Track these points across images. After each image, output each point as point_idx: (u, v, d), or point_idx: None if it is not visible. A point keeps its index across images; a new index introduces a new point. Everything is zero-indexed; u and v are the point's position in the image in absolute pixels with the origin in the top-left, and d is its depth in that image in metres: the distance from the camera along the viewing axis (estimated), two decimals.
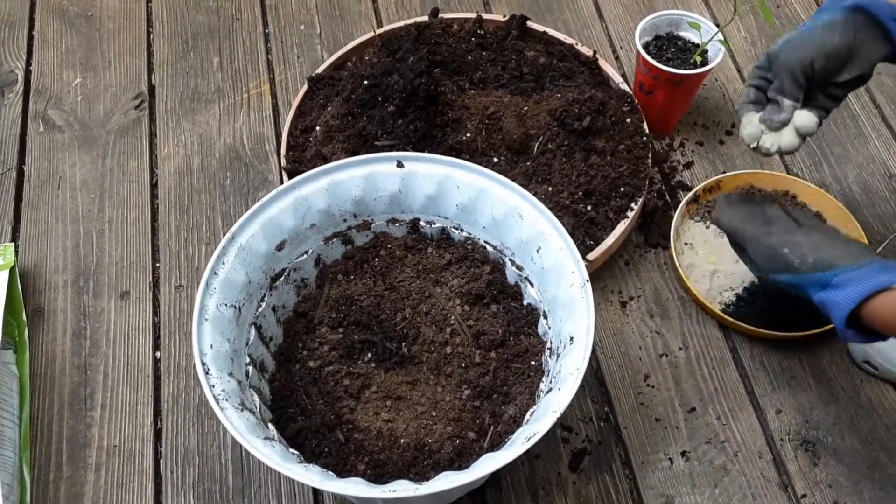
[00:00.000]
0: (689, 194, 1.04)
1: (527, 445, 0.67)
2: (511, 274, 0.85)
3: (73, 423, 0.93)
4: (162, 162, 1.14)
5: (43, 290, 1.03)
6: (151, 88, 1.22)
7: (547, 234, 0.79)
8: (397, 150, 0.93)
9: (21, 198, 1.11)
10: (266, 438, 0.69)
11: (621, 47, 1.24)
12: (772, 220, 0.82)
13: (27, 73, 1.24)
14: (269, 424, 0.75)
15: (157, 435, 0.93)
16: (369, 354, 0.83)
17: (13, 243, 1.04)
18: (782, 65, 0.80)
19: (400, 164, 0.83)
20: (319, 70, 1.12)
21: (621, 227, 0.98)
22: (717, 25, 1.08)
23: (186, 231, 1.08)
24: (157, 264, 1.05)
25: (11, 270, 0.99)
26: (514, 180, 0.82)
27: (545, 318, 0.80)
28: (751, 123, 0.84)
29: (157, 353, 0.98)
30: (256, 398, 0.76)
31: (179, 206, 1.10)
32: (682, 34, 1.10)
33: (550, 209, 0.89)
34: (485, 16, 1.13)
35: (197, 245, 1.06)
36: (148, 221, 1.09)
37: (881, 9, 0.76)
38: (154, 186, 1.12)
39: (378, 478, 0.74)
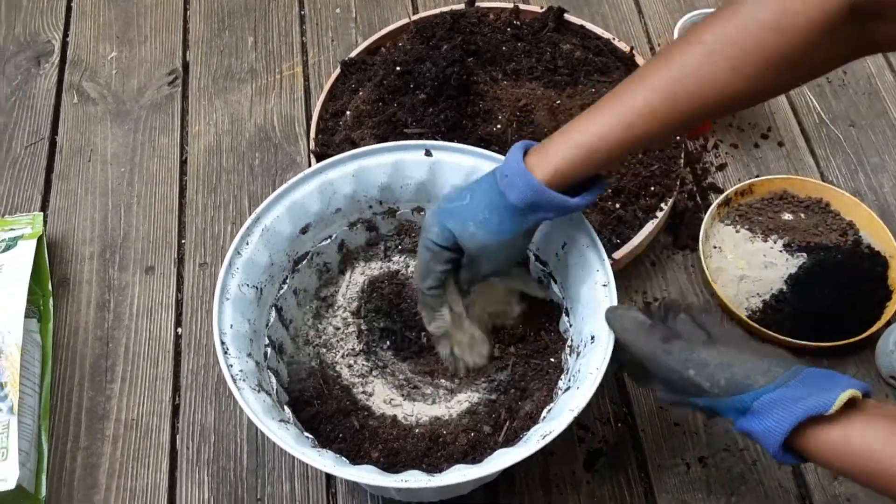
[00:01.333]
0: (721, 197, 1.03)
1: (542, 443, 0.66)
2: (534, 269, 0.84)
3: (92, 394, 0.94)
4: (192, 139, 1.15)
5: (69, 260, 1.04)
6: (185, 65, 1.22)
7: (574, 231, 0.78)
8: (426, 138, 0.93)
9: (52, 168, 1.12)
10: (281, 421, 0.69)
11: (659, 44, 1.22)
12: (674, 335, 0.69)
13: (64, 44, 1.25)
14: (285, 407, 0.75)
15: (175, 411, 0.93)
16: (388, 342, 0.83)
17: (42, 213, 1.05)
18: (481, 267, 0.74)
19: (428, 153, 0.82)
20: (353, 54, 1.11)
21: (649, 226, 0.96)
22: None
23: (213, 209, 1.08)
24: (183, 241, 1.06)
25: (39, 240, 0.99)
26: None
27: (567, 315, 0.80)
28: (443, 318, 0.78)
29: (179, 330, 0.99)
30: (273, 380, 0.76)
31: (207, 185, 1.10)
32: None
33: None
34: (521, 6, 1.12)
35: (223, 224, 1.07)
36: (176, 198, 1.09)
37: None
38: (183, 163, 1.13)
39: (391, 466, 0.74)
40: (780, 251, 1.01)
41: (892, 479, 0.58)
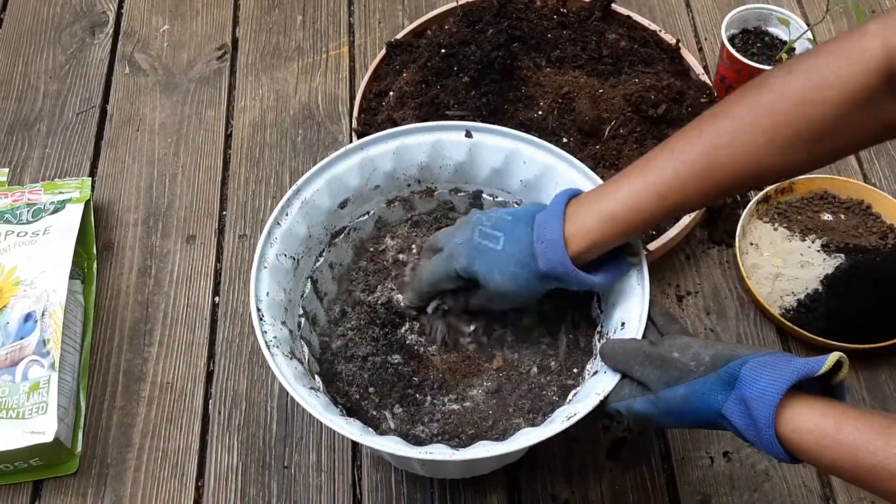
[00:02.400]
0: (760, 194, 1.02)
1: (566, 424, 0.67)
2: None
3: (130, 356, 0.97)
4: (238, 114, 1.17)
5: (115, 226, 1.06)
6: (235, 41, 1.24)
7: None
8: (468, 120, 0.93)
9: (102, 136, 1.15)
10: (311, 388, 0.70)
11: (706, 38, 1.22)
12: (657, 340, 0.70)
13: (118, 15, 1.27)
14: (316, 376, 0.76)
15: (209, 377, 0.96)
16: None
17: (90, 178, 1.07)
18: (493, 304, 0.78)
19: (468, 134, 0.83)
20: (399, 36, 1.12)
21: (685, 220, 0.96)
22: (808, 24, 1.05)
23: (255, 183, 1.10)
24: (224, 212, 1.08)
25: (86, 204, 1.02)
26: (581, 162, 0.82)
27: (598, 301, 0.80)
28: None
29: (216, 298, 1.01)
30: (306, 349, 0.78)
31: (251, 159, 1.12)
32: (771, 30, 1.08)
33: None
34: None
35: (263, 198, 1.09)
36: (219, 170, 1.11)
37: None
38: (228, 137, 1.15)
39: (415, 440, 0.75)
40: (818, 251, 1.00)
41: (881, 474, 0.56)
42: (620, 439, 0.91)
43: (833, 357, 0.59)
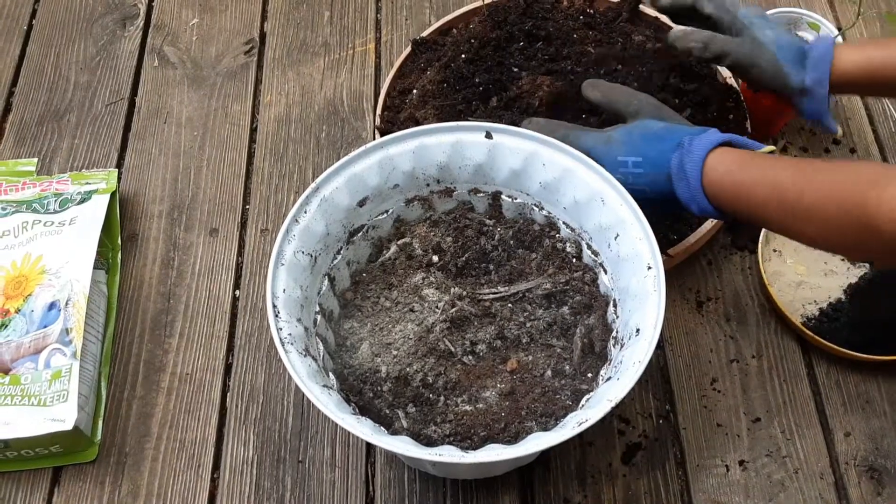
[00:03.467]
0: None
1: (577, 430, 0.66)
2: (587, 258, 0.84)
3: (151, 346, 0.98)
4: (263, 108, 1.18)
5: (139, 217, 1.08)
6: (262, 36, 1.25)
7: (627, 222, 0.77)
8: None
9: (129, 127, 1.16)
10: (324, 386, 0.71)
11: None
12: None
13: (149, 8, 1.29)
14: (330, 374, 0.77)
15: (228, 369, 0.97)
16: None
17: (117, 169, 1.09)
18: (739, 55, 0.88)
19: (488, 135, 0.83)
20: (425, 34, 1.12)
21: (707, 225, 0.95)
22: (840, 28, 1.04)
23: (278, 178, 1.11)
24: (247, 206, 1.09)
25: (112, 195, 1.04)
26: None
27: (614, 306, 0.80)
28: None
29: (237, 292, 1.02)
30: (321, 346, 0.78)
31: (275, 153, 1.13)
32: (801, 34, 1.06)
33: None
34: None
35: (286, 192, 1.09)
36: (244, 164, 1.12)
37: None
38: (253, 131, 1.16)
39: (427, 440, 0.75)
40: (842, 260, 0.99)
41: (742, 198, 0.75)
42: (635, 444, 0.90)
43: (767, 149, 0.78)
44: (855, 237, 0.68)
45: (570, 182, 0.81)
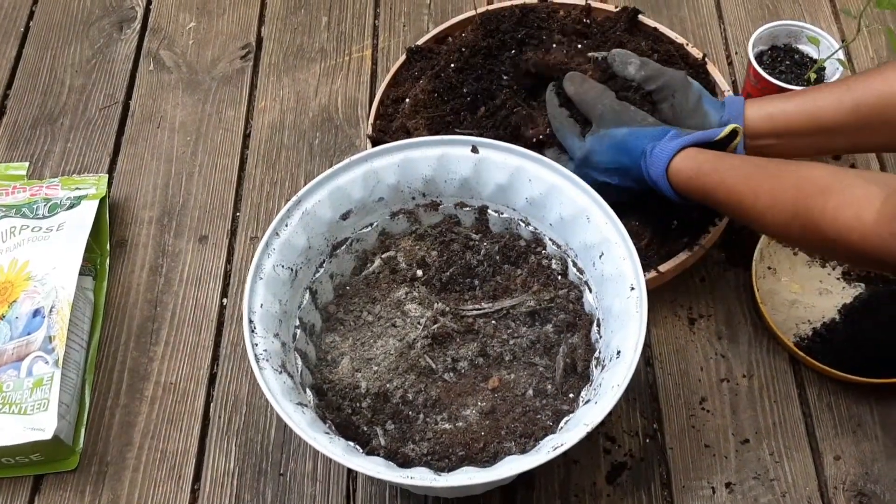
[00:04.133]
0: None
1: (552, 454, 0.65)
2: (572, 275, 0.83)
3: (136, 354, 0.97)
4: (257, 114, 1.17)
5: (129, 223, 1.07)
6: (259, 40, 1.24)
7: (612, 241, 0.76)
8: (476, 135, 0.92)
9: (123, 132, 1.16)
10: (299, 404, 0.70)
11: (737, 52, 1.18)
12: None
13: (146, 11, 1.28)
14: (308, 390, 0.76)
15: (212, 379, 0.96)
16: None
17: (108, 175, 1.08)
18: (670, 83, 0.91)
19: (474, 150, 0.82)
20: (420, 42, 1.11)
21: (700, 242, 0.94)
22: (843, 41, 1.02)
23: (270, 185, 1.10)
24: (238, 213, 1.08)
25: (101, 201, 1.03)
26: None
27: (598, 325, 0.78)
28: None
29: (224, 300, 1.01)
30: (299, 361, 0.77)
31: (267, 160, 1.12)
32: (801, 47, 1.04)
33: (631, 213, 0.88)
34: (594, 4, 1.10)
35: (277, 200, 1.08)
36: (235, 170, 1.12)
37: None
38: (246, 137, 1.15)
39: (404, 459, 0.74)
40: (838, 279, 0.97)
41: (708, 199, 0.81)
42: (621, 464, 0.89)
43: (728, 128, 0.81)
44: (809, 242, 0.74)
45: (557, 198, 0.80)
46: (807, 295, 0.96)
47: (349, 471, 0.89)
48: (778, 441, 0.89)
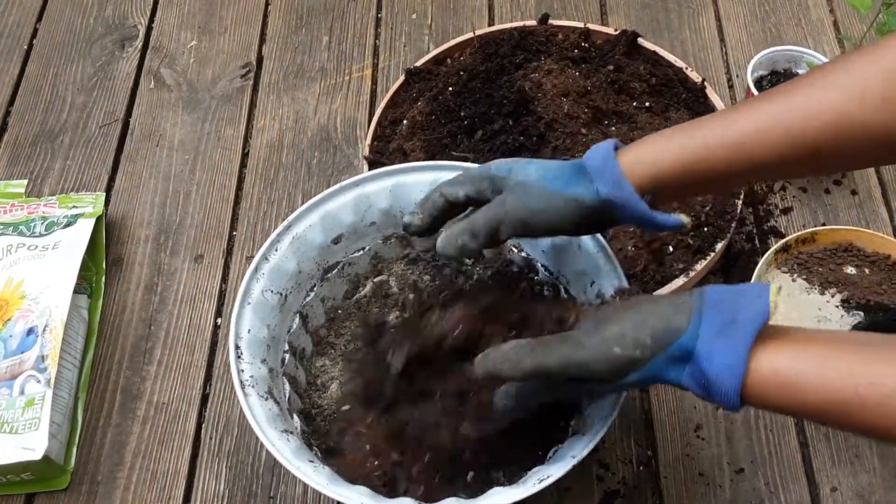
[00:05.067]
0: (780, 243, 0.98)
1: (538, 487, 0.65)
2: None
3: (129, 374, 0.97)
4: (256, 133, 1.17)
5: (126, 241, 1.07)
6: (260, 59, 1.25)
7: (603, 269, 0.76)
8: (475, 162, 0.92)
9: (122, 149, 1.16)
10: (284, 431, 0.70)
11: (738, 75, 1.18)
12: (568, 336, 0.60)
13: (149, 29, 1.29)
14: (295, 415, 0.75)
15: (204, 399, 0.96)
16: None
17: (105, 193, 1.08)
18: (509, 215, 0.66)
19: None
20: (419, 63, 1.11)
21: (698, 266, 0.93)
22: None
23: (267, 204, 1.10)
24: (234, 233, 1.08)
25: (98, 219, 1.03)
26: None
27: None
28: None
29: (218, 321, 1.01)
30: (287, 387, 0.77)
31: (265, 179, 1.12)
32: (801, 72, 1.03)
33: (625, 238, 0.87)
34: (593, 27, 1.09)
35: (274, 220, 1.08)
36: (233, 189, 1.12)
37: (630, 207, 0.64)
38: (245, 156, 1.15)
39: (391, 488, 0.73)
40: (837, 306, 0.96)
41: (824, 410, 0.54)
42: (614, 491, 0.88)
43: (774, 289, 0.57)
44: None
45: None
46: (805, 322, 0.95)
47: None
48: (773, 471, 0.88)
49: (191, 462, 0.92)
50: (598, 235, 0.76)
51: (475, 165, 0.80)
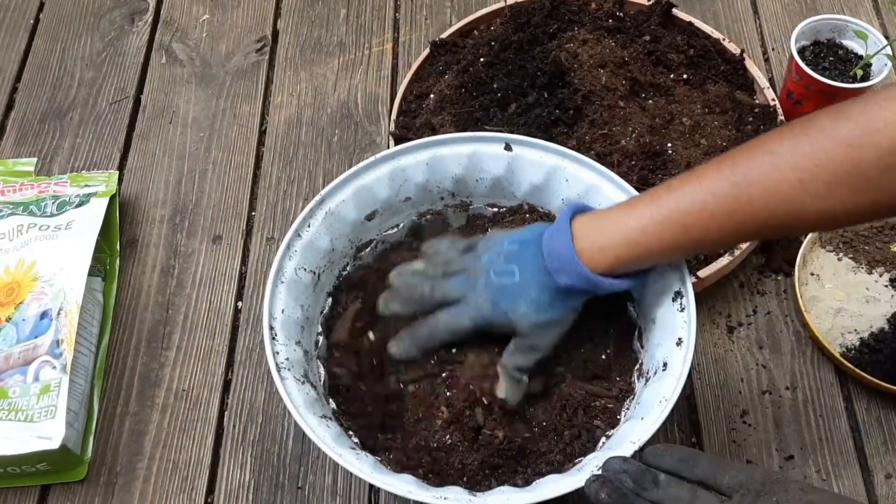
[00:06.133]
0: None
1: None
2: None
3: (147, 360, 0.93)
4: (274, 110, 1.12)
5: (140, 222, 1.03)
6: (275, 34, 1.20)
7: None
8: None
9: (134, 127, 1.11)
10: (323, 416, 0.66)
11: (773, 48, 1.13)
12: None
13: (159, 3, 1.24)
14: (330, 400, 0.71)
15: (226, 386, 0.91)
16: None
17: (118, 171, 1.04)
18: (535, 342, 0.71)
19: (508, 147, 0.77)
20: (444, 35, 1.06)
21: (742, 245, 0.89)
22: (887, 37, 0.97)
23: (287, 183, 1.05)
24: (253, 213, 1.04)
25: (112, 198, 0.99)
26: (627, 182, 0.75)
27: (640, 337, 0.73)
28: None
29: (239, 304, 0.97)
30: (322, 370, 0.73)
31: (284, 157, 1.08)
32: (846, 42, 0.99)
33: None
34: None
35: (295, 199, 1.04)
36: (251, 168, 1.07)
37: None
38: (262, 133, 1.10)
39: (436, 476, 0.69)
40: (886, 286, 0.92)
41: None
42: None
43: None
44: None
45: (595, 200, 0.75)
46: (853, 303, 0.91)
47: (371, 484, 0.85)
48: (825, 458, 0.85)
49: (214, 451, 0.87)
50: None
51: (522, 137, 0.76)
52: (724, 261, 0.88)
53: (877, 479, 0.83)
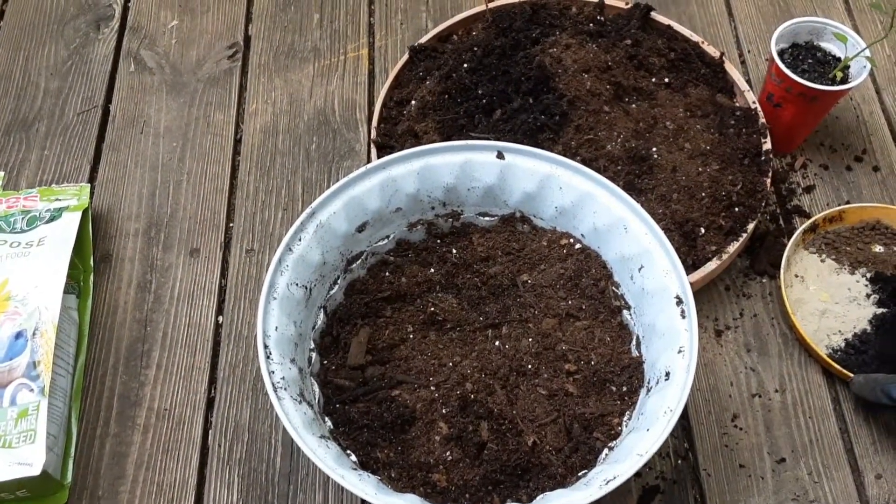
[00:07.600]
0: (808, 223, 0.95)
1: (605, 489, 0.60)
2: (608, 291, 0.77)
3: (126, 379, 0.90)
4: (248, 118, 1.10)
5: (114, 236, 1.00)
6: (247, 39, 1.17)
7: (653, 252, 0.71)
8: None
9: (104, 138, 1.08)
10: (321, 437, 0.64)
11: (749, 51, 1.14)
12: None
13: (125, 9, 1.20)
14: (326, 419, 0.69)
15: (210, 404, 0.89)
16: None
17: (90, 185, 1.00)
18: None
19: (500, 155, 0.76)
20: (423, 40, 1.05)
21: (729, 250, 0.89)
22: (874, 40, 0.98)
23: (265, 193, 1.03)
24: (231, 224, 1.01)
25: (84, 212, 0.95)
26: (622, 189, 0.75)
27: (638, 345, 0.73)
28: None
29: (220, 318, 0.94)
30: (316, 388, 0.71)
31: (261, 167, 1.05)
32: (824, 45, 1.00)
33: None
34: (607, 0, 1.05)
35: (273, 209, 1.02)
36: (227, 178, 1.04)
37: None
38: (237, 142, 1.08)
39: (438, 494, 0.68)
40: (867, 286, 0.93)
41: None
42: (653, 487, 0.84)
43: None
44: None
45: (590, 207, 0.74)
46: (837, 304, 0.92)
47: (364, 501, 0.83)
48: (816, 459, 0.85)
49: (199, 472, 0.85)
50: (649, 217, 0.71)
51: (515, 145, 0.75)
52: (711, 265, 0.88)
53: (867, 480, 0.84)
